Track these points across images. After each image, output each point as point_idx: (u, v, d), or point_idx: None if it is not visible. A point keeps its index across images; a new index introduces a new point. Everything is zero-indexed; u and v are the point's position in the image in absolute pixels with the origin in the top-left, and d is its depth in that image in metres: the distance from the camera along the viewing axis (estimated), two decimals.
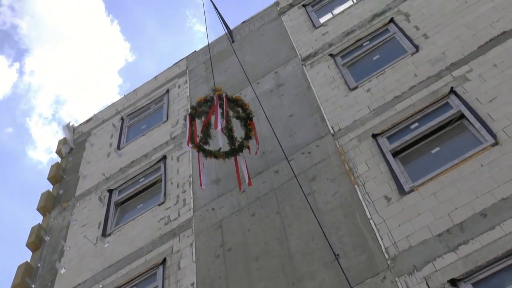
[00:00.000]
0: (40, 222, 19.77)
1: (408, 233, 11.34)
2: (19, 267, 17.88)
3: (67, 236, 18.32)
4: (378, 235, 11.68)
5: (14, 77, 58.77)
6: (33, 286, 17.24)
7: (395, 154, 13.25)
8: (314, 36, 18.99)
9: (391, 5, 17.66)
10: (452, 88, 13.52)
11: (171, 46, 65.58)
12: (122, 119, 22.44)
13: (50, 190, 21.01)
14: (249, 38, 21.65)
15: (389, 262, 11.11)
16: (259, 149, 15.33)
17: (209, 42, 20.48)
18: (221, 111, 13.98)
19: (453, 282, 10.10)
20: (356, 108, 15.03)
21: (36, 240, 18.83)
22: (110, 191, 18.82)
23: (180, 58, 23.81)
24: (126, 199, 18.48)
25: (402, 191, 12.16)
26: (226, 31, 21.78)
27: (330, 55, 17.48)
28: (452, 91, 13.47)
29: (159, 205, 16.80)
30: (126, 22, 64.85)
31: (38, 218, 23.21)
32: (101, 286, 15.59)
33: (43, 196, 20.54)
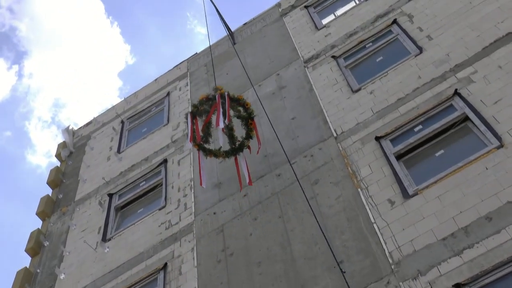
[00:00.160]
0: (39, 227, 19.69)
1: (412, 237, 11.24)
2: (18, 273, 17.81)
3: (67, 241, 18.26)
4: (381, 239, 11.60)
5: (13, 80, 58.92)
6: None
7: (399, 157, 13.17)
8: (317, 37, 18.95)
9: (394, 6, 17.63)
10: (456, 90, 13.44)
11: (172, 48, 65.79)
12: (122, 122, 22.39)
13: (50, 195, 20.95)
14: (250, 40, 21.62)
15: (393, 266, 11.01)
16: (261, 152, 15.38)
17: (210, 44, 20.47)
18: (222, 110, 14.03)
19: (458, 287, 10.02)
20: (359, 110, 14.96)
21: (35, 245, 18.74)
22: (110, 195, 18.76)
23: (181, 61, 23.80)
24: (126, 204, 18.41)
25: (406, 195, 12.07)
26: (227, 33, 21.79)
27: (333, 57, 17.43)
28: (456, 93, 13.39)
29: (160, 209, 16.72)
30: (127, 24, 65.05)
31: (37, 223, 23.20)
32: None
33: (43, 200, 20.47)
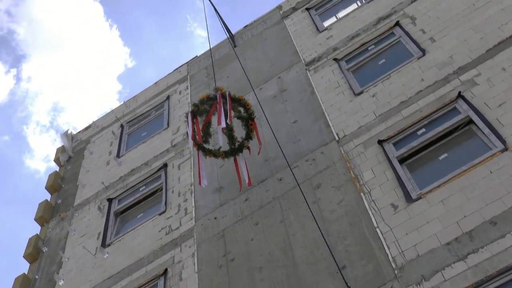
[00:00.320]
0: (38, 233, 19.62)
1: (415, 241, 11.15)
2: (16, 279, 17.77)
3: (66, 246, 18.17)
4: (385, 244, 11.51)
5: (11, 83, 58.89)
6: None
7: (402, 160, 13.09)
8: (318, 40, 18.89)
9: (397, 8, 17.58)
10: (460, 92, 13.36)
11: (172, 51, 65.74)
12: (122, 126, 22.34)
13: (48, 200, 20.89)
14: (251, 43, 21.60)
15: (396, 272, 10.92)
16: (263, 156, 15.40)
17: (210, 47, 20.48)
18: (223, 110, 14.04)
19: None
20: (361, 113, 14.89)
21: (33, 251, 18.66)
22: (110, 200, 18.67)
23: (181, 64, 23.84)
24: (126, 209, 18.32)
25: (409, 199, 11.99)
26: (228, 36, 21.74)
27: (335, 60, 17.38)
28: (460, 96, 13.32)
29: (160, 214, 16.63)
30: (126, 27, 65.06)
31: (35, 228, 23.25)
32: None
33: (41, 206, 20.39)
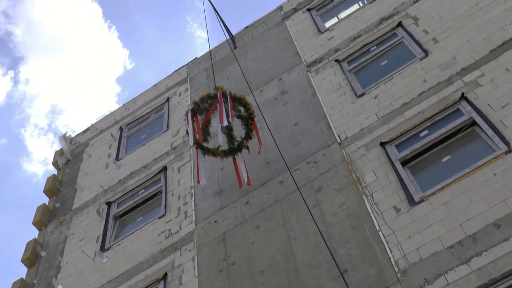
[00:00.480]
0: (36, 237, 19.57)
1: (418, 245, 11.08)
2: (14, 284, 17.70)
3: (64, 251, 18.10)
4: (387, 248, 11.43)
5: (9, 86, 58.85)
6: None
7: (404, 163, 13.03)
8: (320, 41, 18.86)
9: (399, 8, 17.54)
10: (463, 94, 13.30)
11: (171, 52, 65.83)
12: (121, 129, 22.29)
13: (46, 203, 20.82)
14: (252, 44, 21.57)
15: (399, 275, 10.84)
16: (263, 159, 15.42)
17: (210, 49, 20.57)
18: (225, 108, 14.09)
19: None
20: (363, 115, 14.84)
21: (31, 255, 18.57)
22: (109, 204, 18.59)
23: (180, 65, 23.87)
24: (125, 212, 18.25)
25: (412, 202, 11.91)
26: (228, 37, 21.75)
27: (336, 61, 17.34)
28: (463, 97, 13.26)
29: (160, 218, 16.56)
30: (125, 28, 65.18)
31: (33, 232, 23.23)
32: None
33: (39, 209, 20.32)
